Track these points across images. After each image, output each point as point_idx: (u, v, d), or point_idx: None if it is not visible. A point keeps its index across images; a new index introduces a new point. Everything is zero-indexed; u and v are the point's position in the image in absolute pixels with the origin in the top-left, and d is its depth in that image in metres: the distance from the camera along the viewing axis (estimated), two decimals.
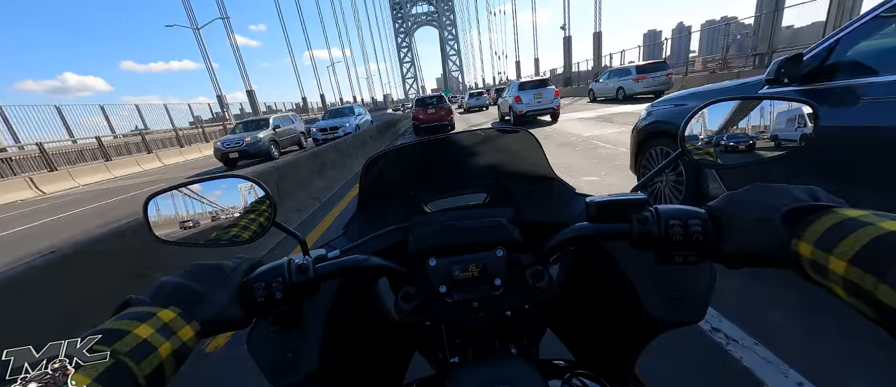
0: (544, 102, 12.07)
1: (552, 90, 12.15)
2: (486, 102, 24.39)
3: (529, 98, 12.08)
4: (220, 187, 0.56)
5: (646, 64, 15.14)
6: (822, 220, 0.31)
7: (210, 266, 0.43)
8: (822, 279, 0.30)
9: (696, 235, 0.40)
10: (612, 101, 16.14)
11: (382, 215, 0.77)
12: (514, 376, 0.42)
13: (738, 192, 0.41)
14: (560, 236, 0.49)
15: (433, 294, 0.51)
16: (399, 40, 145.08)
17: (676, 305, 0.51)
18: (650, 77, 14.47)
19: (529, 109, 12.03)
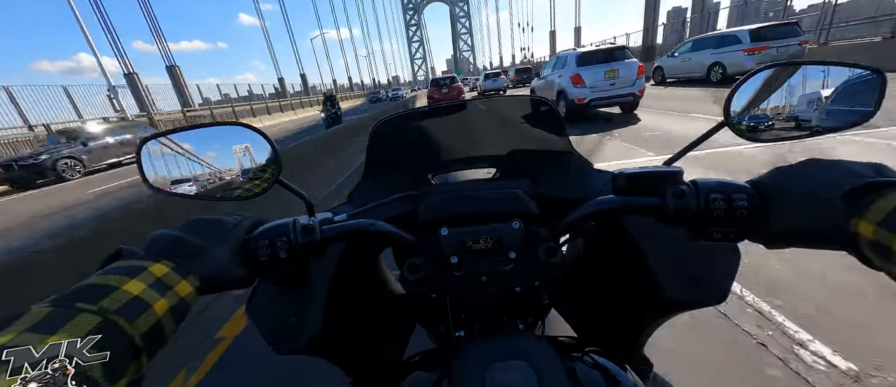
0: (622, 85, 7.20)
1: (633, 65, 7.28)
2: (505, 84, 21.40)
3: (597, 78, 7.24)
4: (221, 138, 0.51)
5: (765, 27, 9.89)
6: (889, 198, 0.28)
7: (210, 220, 0.40)
8: (884, 262, 0.28)
9: (740, 210, 0.37)
10: (696, 83, 11.10)
11: (389, 184, 0.74)
12: (527, 351, 0.40)
13: (791, 166, 0.37)
14: (582, 210, 0.46)
15: (441, 266, 0.49)
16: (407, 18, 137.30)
17: (696, 286, 0.50)
18: (774, 47, 9.31)
19: (598, 95, 7.24)
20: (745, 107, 0.50)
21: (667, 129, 6.03)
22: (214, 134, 0.51)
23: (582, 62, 7.54)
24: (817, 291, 1.71)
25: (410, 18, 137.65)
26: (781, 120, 0.49)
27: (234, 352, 1.90)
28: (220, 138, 0.52)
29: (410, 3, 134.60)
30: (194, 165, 0.51)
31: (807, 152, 0.46)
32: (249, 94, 30.43)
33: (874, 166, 0.33)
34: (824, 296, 1.68)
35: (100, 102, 18.13)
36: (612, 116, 7.79)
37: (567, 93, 7.60)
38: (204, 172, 0.51)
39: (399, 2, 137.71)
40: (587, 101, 7.27)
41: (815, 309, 1.62)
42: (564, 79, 7.76)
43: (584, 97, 7.32)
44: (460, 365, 0.41)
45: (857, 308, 1.59)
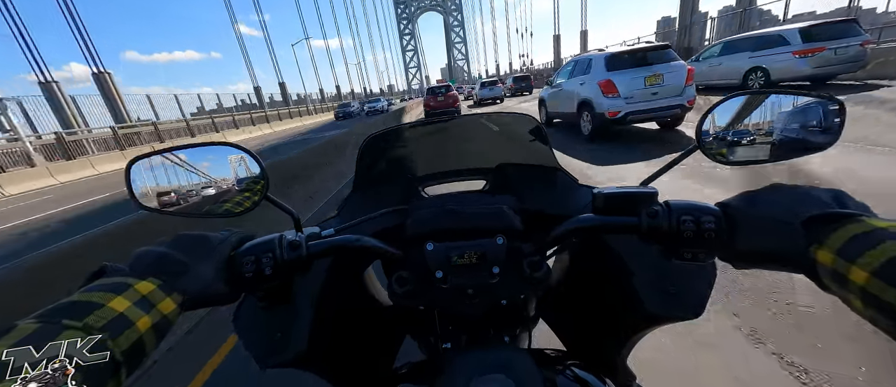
0: (667, 94, 5.58)
1: (681, 69, 5.66)
2: (502, 93, 20.75)
3: (635, 85, 5.61)
4: (209, 156, 0.52)
5: (819, 25, 8.33)
6: (847, 228, 0.30)
7: (196, 237, 0.41)
8: (839, 289, 0.30)
9: (708, 232, 0.39)
10: (727, 91, 9.31)
11: (378, 197, 0.75)
12: (509, 363, 0.41)
13: (757, 190, 0.39)
14: (564, 227, 0.48)
15: (428, 279, 0.50)
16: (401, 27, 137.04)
17: (674, 300, 0.51)
18: (831, 48, 7.76)
19: (636, 107, 5.64)
20: (717, 131, 0.52)
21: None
22: (202, 153, 0.52)
23: (613, 66, 5.88)
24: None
25: (404, 28, 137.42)
26: (752, 144, 0.51)
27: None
28: (208, 156, 0.52)
29: (404, 13, 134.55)
30: (182, 183, 0.51)
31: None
32: (218, 107, 27.54)
33: (835, 195, 0.34)
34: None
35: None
36: (652, 134, 6.12)
37: (595, 105, 5.92)
38: (192, 189, 0.52)
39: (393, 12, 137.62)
40: (622, 115, 5.60)
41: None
42: (590, 87, 6.09)
43: (617, 110, 5.64)
44: (444, 378, 0.41)
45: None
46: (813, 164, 3.53)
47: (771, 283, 1.96)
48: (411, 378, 0.55)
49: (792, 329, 1.65)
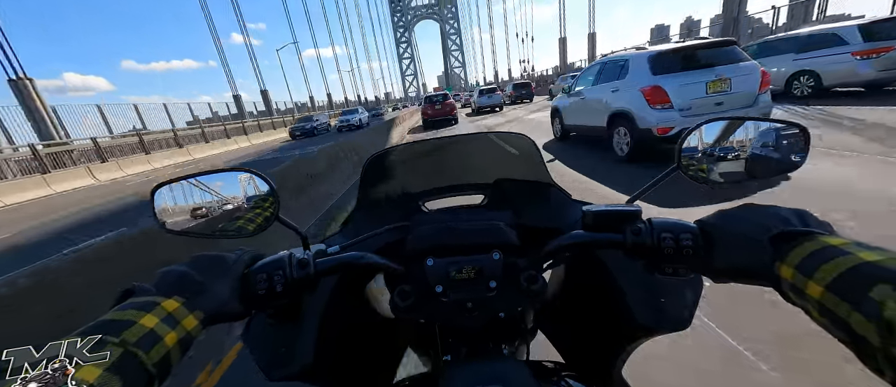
0: (736, 104, 4.24)
1: (752, 71, 4.32)
2: (501, 100, 19.82)
3: (694, 93, 4.30)
4: (225, 180, 0.57)
5: (882, 21, 7.09)
6: (805, 245, 0.32)
7: (212, 257, 0.43)
8: (801, 301, 0.32)
9: (686, 248, 0.41)
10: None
11: (381, 213, 0.77)
12: (505, 375, 0.43)
13: (731, 209, 0.42)
14: (556, 243, 0.50)
15: (429, 293, 0.52)
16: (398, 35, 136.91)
17: (663, 313, 0.53)
18: None
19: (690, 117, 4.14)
20: (695, 153, 0.55)
21: (842, 182, 3.04)
22: (218, 178, 0.57)
23: (660, 68, 4.57)
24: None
25: (401, 36, 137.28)
26: (728, 166, 0.53)
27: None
28: (224, 180, 0.57)
29: (400, 22, 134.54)
30: (200, 206, 0.56)
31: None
32: (194, 119, 24.01)
33: (799, 214, 0.37)
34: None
35: None
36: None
37: (636, 118, 4.60)
38: (209, 212, 0.56)
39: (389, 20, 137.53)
40: (677, 131, 4.26)
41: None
42: (628, 95, 4.78)
43: (670, 126, 4.32)
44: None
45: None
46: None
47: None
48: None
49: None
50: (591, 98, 5.87)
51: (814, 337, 1.18)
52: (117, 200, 8.75)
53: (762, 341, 1.63)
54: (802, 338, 1.52)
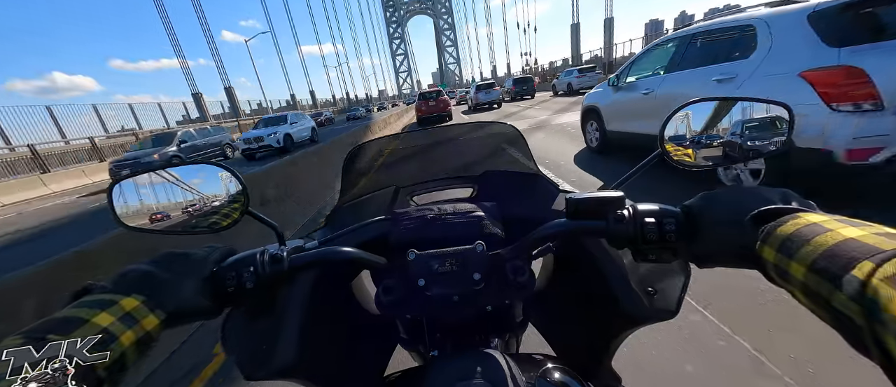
0: None
1: None
2: (500, 96, 19.02)
3: None
4: (189, 175, 0.53)
5: None
6: (787, 224, 0.31)
7: (179, 254, 0.42)
8: (784, 283, 0.31)
9: (669, 234, 0.40)
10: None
11: (366, 207, 0.76)
12: (490, 368, 0.42)
13: (715, 192, 0.41)
14: (539, 232, 0.49)
15: (413, 288, 0.50)
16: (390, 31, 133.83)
17: (650, 301, 0.52)
18: None
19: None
20: (677, 137, 0.53)
21: None
22: (185, 171, 0.53)
23: (844, 32, 2.33)
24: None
25: (394, 31, 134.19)
26: (711, 149, 0.52)
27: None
28: (191, 174, 0.53)
29: (393, 17, 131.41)
30: (165, 202, 0.52)
31: None
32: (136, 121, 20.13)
33: (781, 193, 0.36)
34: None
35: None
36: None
37: (799, 129, 2.36)
38: (175, 208, 0.53)
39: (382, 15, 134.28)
40: (888, 156, 2.05)
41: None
42: (771, 87, 2.54)
43: (876, 145, 2.10)
44: (427, 385, 0.43)
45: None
46: None
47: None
48: (400, 386, 0.56)
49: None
50: (665, 93, 3.69)
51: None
52: None
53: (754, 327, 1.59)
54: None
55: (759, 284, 1.64)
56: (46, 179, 11.95)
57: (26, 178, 11.91)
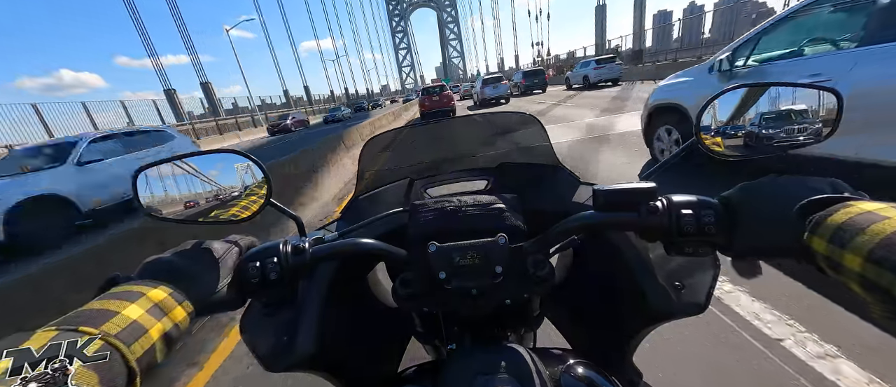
0: None
1: None
2: (507, 91, 17.57)
3: None
4: (214, 163, 0.53)
5: None
6: (839, 213, 0.29)
7: (202, 245, 0.42)
8: (838, 275, 0.29)
9: (707, 226, 0.39)
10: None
11: (381, 201, 0.75)
12: (511, 362, 0.41)
13: (755, 182, 0.39)
14: (565, 224, 0.47)
15: (432, 281, 0.49)
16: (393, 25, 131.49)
17: (678, 295, 0.51)
18: None
19: None
20: (715, 125, 0.51)
21: None
22: (207, 160, 0.52)
23: None
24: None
25: (397, 25, 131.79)
26: (750, 138, 0.49)
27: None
28: (213, 164, 0.53)
29: (396, 10, 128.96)
30: (188, 191, 0.52)
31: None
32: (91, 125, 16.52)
33: (831, 183, 0.34)
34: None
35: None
36: None
37: None
38: (197, 197, 0.52)
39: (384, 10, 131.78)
40: None
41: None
42: None
43: None
44: (447, 379, 0.42)
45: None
46: None
47: None
48: (416, 380, 0.53)
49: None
50: (870, 79, 1.85)
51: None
52: None
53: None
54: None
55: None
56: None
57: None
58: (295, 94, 52.69)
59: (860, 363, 1.26)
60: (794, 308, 1.54)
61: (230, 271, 0.42)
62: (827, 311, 1.46)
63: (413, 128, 0.87)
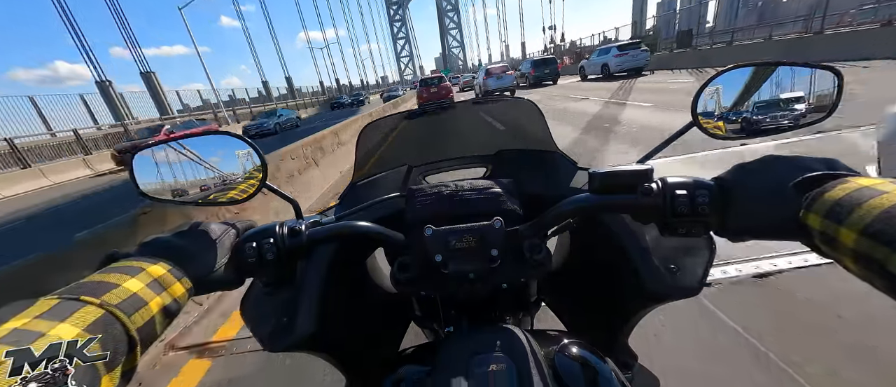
0: None
1: None
2: (513, 82, 16.44)
3: None
4: (211, 146, 0.53)
5: None
6: (836, 189, 0.29)
7: (201, 226, 0.43)
8: (832, 252, 0.29)
9: (702, 206, 0.39)
10: None
11: (379, 186, 0.76)
12: (507, 342, 0.42)
13: (750, 162, 0.39)
14: (561, 208, 0.47)
15: (429, 265, 0.49)
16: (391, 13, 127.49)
17: (674, 277, 0.52)
18: None
19: None
20: (713, 107, 0.51)
21: None
22: (204, 142, 0.52)
23: None
24: None
25: (394, 14, 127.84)
26: (749, 118, 0.49)
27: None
28: (210, 147, 0.53)
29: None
30: (183, 173, 0.52)
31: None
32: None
33: (826, 161, 0.34)
34: None
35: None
36: None
37: None
38: (193, 179, 0.52)
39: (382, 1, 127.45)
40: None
41: None
42: None
43: None
44: (443, 359, 0.42)
45: None
46: None
47: None
48: (415, 360, 0.53)
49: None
50: None
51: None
52: None
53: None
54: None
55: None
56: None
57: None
58: (276, 86, 47.90)
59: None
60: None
61: (228, 252, 0.43)
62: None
63: (410, 114, 0.86)
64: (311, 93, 55.46)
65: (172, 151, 0.51)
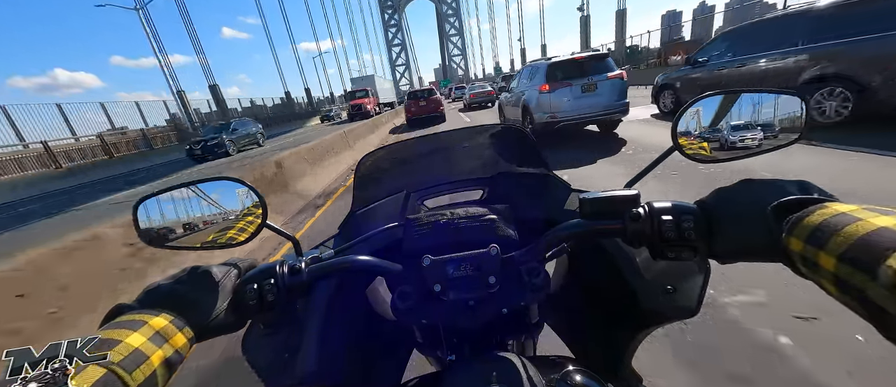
0: None
1: None
2: (490, 94, 18.82)
3: None
4: (210, 191, 0.56)
5: None
6: (814, 214, 0.31)
7: (201, 270, 0.44)
8: (813, 275, 0.31)
9: (687, 231, 0.41)
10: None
11: (378, 214, 0.79)
12: (508, 371, 0.43)
13: (729, 187, 0.42)
14: (554, 233, 0.50)
15: (429, 293, 0.52)
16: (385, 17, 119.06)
17: (671, 299, 0.53)
18: None
19: None
20: (691, 131, 0.54)
21: None
22: (204, 187, 0.55)
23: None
24: None
25: (389, 18, 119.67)
26: (725, 142, 0.53)
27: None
28: (210, 190, 0.55)
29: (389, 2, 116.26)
30: (185, 218, 0.54)
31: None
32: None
33: (799, 184, 0.36)
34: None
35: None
36: None
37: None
38: (195, 223, 0.55)
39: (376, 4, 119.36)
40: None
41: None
42: None
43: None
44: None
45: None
46: None
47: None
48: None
49: None
50: None
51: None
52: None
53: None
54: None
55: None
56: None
57: None
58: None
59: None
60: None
61: (229, 294, 0.44)
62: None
63: (408, 142, 0.90)
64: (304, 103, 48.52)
65: (175, 197, 0.53)
